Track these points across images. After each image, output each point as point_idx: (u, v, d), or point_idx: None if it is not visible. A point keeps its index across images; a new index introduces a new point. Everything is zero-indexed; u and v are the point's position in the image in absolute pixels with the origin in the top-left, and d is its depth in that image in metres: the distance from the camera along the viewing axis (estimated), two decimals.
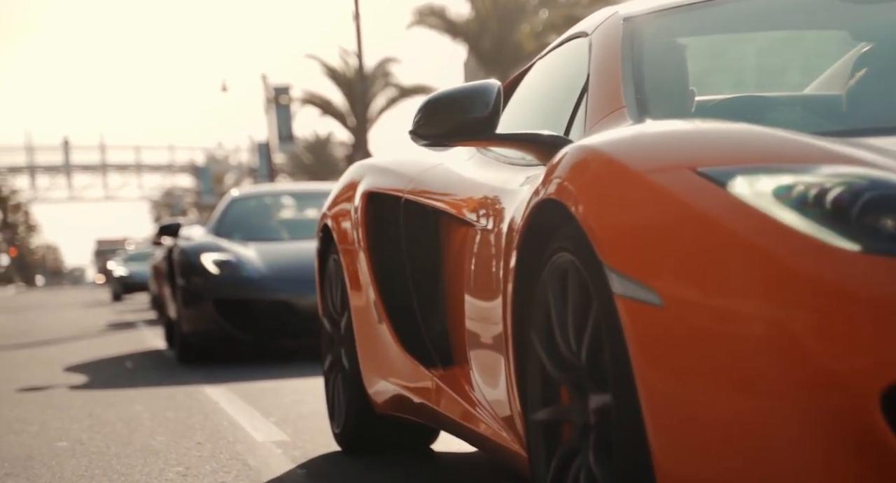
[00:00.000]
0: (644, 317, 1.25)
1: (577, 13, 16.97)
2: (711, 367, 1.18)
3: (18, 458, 2.93)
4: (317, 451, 2.84)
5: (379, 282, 2.41)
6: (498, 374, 1.79)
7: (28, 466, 2.80)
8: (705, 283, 1.20)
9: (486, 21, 24.23)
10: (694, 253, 1.22)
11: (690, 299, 1.21)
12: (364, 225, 2.48)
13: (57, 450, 3.05)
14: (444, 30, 24.55)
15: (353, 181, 2.66)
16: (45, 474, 2.67)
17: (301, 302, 5.49)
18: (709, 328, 1.19)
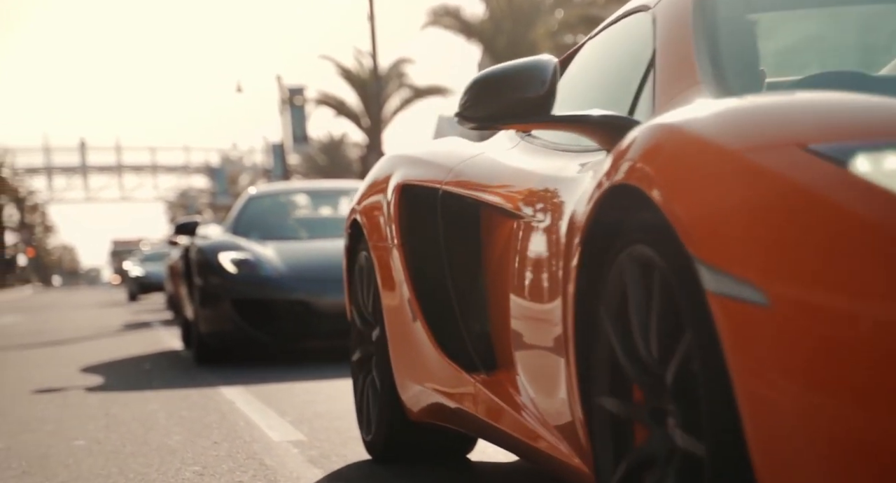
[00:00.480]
0: (745, 318, 1.07)
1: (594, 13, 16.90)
2: (830, 378, 1.01)
3: (35, 457, 2.93)
4: (333, 450, 2.82)
5: (414, 280, 2.24)
6: (553, 380, 1.63)
7: (45, 465, 2.79)
8: (823, 279, 1.02)
9: (501, 21, 24.19)
10: (807, 243, 1.03)
11: (803, 298, 1.03)
12: (398, 220, 2.31)
13: (73, 448, 3.04)
14: (459, 30, 24.52)
15: (385, 173, 2.47)
16: (62, 473, 2.67)
17: (320, 302, 5.39)
18: (827, 332, 1.01)
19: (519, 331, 1.82)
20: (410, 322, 2.24)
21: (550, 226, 1.71)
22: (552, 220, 1.71)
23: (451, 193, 2.16)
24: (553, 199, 1.75)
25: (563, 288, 1.55)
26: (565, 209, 1.65)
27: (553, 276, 1.64)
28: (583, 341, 1.49)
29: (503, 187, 1.99)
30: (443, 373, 2.14)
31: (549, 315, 1.65)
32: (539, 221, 1.78)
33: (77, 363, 6.13)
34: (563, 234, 1.59)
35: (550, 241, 1.69)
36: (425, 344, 2.19)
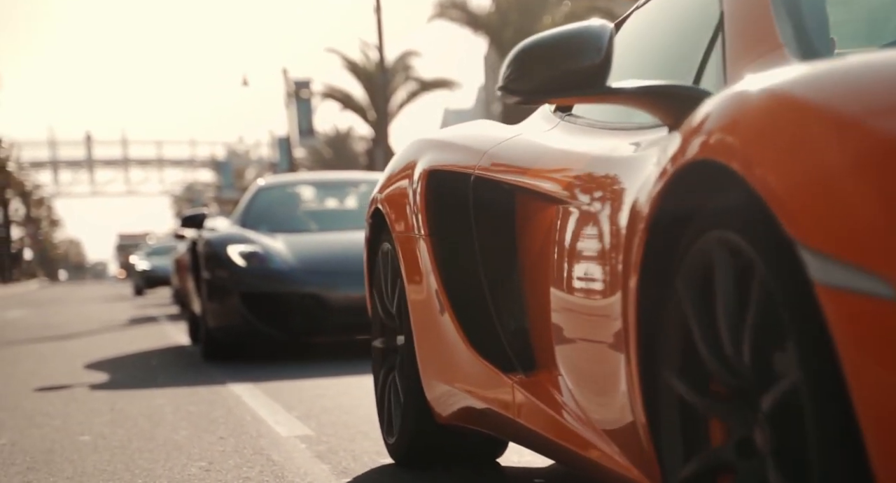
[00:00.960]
0: (866, 315, 0.91)
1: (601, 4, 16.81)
2: None
3: (40, 452, 2.90)
4: (341, 445, 2.78)
5: (443, 273, 2.06)
6: (607, 381, 1.47)
7: (50, 460, 2.76)
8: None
9: (508, 13, 24.10)
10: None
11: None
12: (425, 208, 2.14)
13: (79, 444, 3.02)
14: (466, 22, 24.45)
15: (410, 159, 2.29)
16: (67, 469, 2.64)
17: (332, 296, 5.23)
18: None
19: (562, 327, 1.67)
20: (439, 318, 2.07)
21: (603, 212, 1.53)
22: (605, 205, 1.53)
23: (484, 179, 1.99)
24: (606, 182, 1.57)
25: (623, 281, 1.38)
26: (622, 194, 1.46)
27: (608, 268, 1.47)
28: (647, 338, 1.33)
29: (544, 171, 1.80)
30: (475, 373, 1.97)
31: (601, 311, 1.49)
32: (588, 208, 1.60)
33: (83, 358, 6.11)
34: (623, 222, 1.41)
35: (603, 229, 1.51)
36: (455, 341, 2.02)
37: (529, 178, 1.85)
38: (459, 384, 2.04)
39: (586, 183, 1.65)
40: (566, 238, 1.67)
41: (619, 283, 1.40)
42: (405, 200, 2.24)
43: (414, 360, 2.21)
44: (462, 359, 2.01)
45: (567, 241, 1.66)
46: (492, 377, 1.91)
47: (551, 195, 1.75)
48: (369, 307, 2.56)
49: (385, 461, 2.54)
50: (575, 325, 1.62)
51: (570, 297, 1.63)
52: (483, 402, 1.96)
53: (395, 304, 2.36)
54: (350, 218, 6.29)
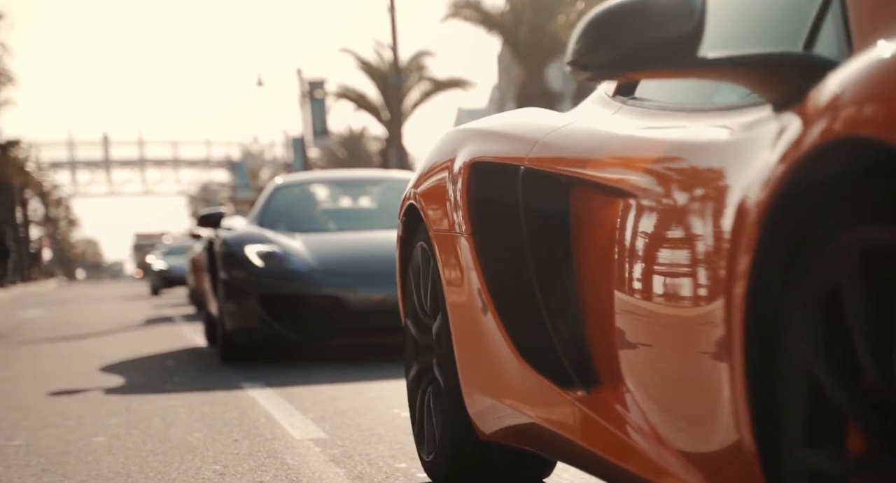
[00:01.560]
0: None
1: None
2: None
3: (55, 453, 2.90)
4: (356, 449, 2.76)
5: (488, 275, 1.85)
6: (695, 400, 1.26)
7: (64, 462, 2.76)
8: None
9: (522, 13, 24.03)
10: None
11: None
12: (468, 204, 1.92)
13: (93, 445, 3.01)
14: (480, 22, 24.41)
15: (450, 151, 2.07)
16: (82, 471, 2.63)
17: (352, 297, 5.06)
18: None
19: (631, 337, 1.46)
20: (482, 324, 1.86)
21: (692, 207, 1.30)
22: (694, 199, 1.30)
23: (535, 171, 1.76)
24: (694, 173, 1.33)
25: (726, 288, 1.15)
26: (720, 185, 1.24)
27: (702, 272, 1.24)
28: (757, 358, 1.12)
29: (609, 161, 1.57)
30: (525, 386, 1.75)
31: (692, 321, 1.26)
32: (669, 202, 1.36)
33: (99, 358, 6.12)
34: (724, 218, 1.19)
35: (693, 226, 1.28)
36: (502, 352, 1.80)
37: (591, 170, 1.60)
38: (506, 399, 1.83)
39: (666, 174, 1.40)
40: (639, 237, 1.43)
41: (721, 289, 1.18)
42: (444, 196, 2.02)
43: (453, 370, 2.00)
44: (510, 370, 1.79)
45: (640, 241, 1.42)
46: (545, 392, 1.69)
47: (619, 188, 1.51)
48: (402, 312, 2.37)
49: (401, 465, 2.52)
50: (651, 335, 1.40)
51: (645, 304, 1.40)
52: (534, 419, 1.75)
53: (431, 311, 2.17)
54: (370, 217, 6.07)
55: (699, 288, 1.25)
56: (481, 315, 1.87)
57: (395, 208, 6.42)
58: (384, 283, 4.96)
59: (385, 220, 5.79)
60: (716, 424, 1.20)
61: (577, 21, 18.65)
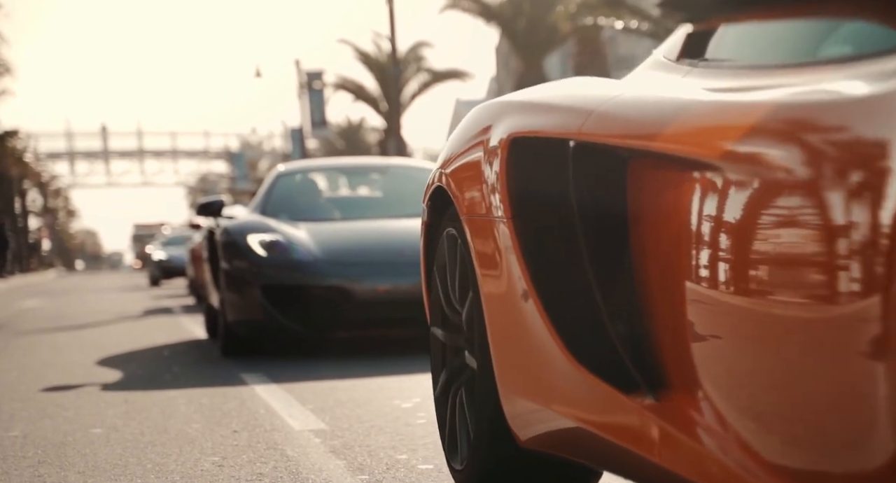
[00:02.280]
0: None
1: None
2: None
3: (52, 445, 2.87)
4: (356, 440, 2.74)
5: (531, 264, 1.63)
6: (836, 411, 1.05)
7: (62, 454, 2.74)
8: None
9: (521, 4, 23.94)
10: None
11: None
12: (507, 184, 1.68)
13: (91, 436, 2.99)
14: (478, 13, 24.32)
15: (484, 125, 1.84)
16: (79, 463, 2.61)
17: (358, 288, 4.86)
18: None
19: (715, 339, 1.24)
20: (525, 318, 1.64)
21: (821, 182, 1.04)
22: (823, 173, 1.04)
23: (589, 146, 1.52)
24: (820, 140, 1.06)
25: (884, 283, 0.95)
26: (865, 151, 0.99)
27: (844, 263, 1.02)
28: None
29: (690, 130, 1.30)
30: (575, 389, 1.54)
31: (832, 321, 1.04)
32: (783, 177, 1.10)
33: (98, 349, 6.10)
34: (873, 196, 0.96)
35: (829, 206, 1.03)
36: (548, 350, 1.58)
37: (663, 142, 1.34)
38: (552, 402, 1.61)
39: (777, 142, 1.12)
40: (732, 221, 1.18)
41: (877, 285, 0.96)
42: (479, 176, 1.78)
43: (489, 369, 1.77)
44: (557, 371, 1.57)
45: (732, 223, 1.18)
46: (601, 396, 1.47)
47: (700, 162, 1.25)
48: (427, 306, 2.15)
49: (401, 456, 2.50)
50: (751, 337, 1.16)
51: (743, 302, 1.16)
52: (585, 425, 1.52)
53: (462, 302, 1.94)
54: (375, 206, 5.90)
55: (846, 283, 1.02)
56: (523, 309, 1.64)
57: (402, 196, 5.90)
58: (390, 274, 4.88)
59: (391, 208, 5.68)
60: (862, 435, 1.01)
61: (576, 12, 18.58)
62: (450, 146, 2.00)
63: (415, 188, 5.95)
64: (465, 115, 2.01)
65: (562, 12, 19.00)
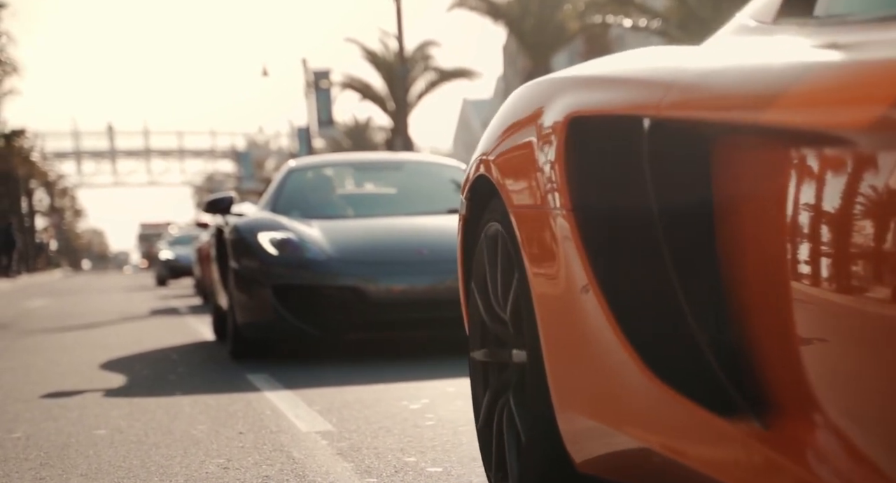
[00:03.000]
0: None
1: None
2: None
3: (55, 446, 2.83)
4: (364, 442, 2.69)
5: (597, 262, 1.38)
6: None
7: (64, 456, 2.69)
8: None
9: (528, 2, 23.87)
10: None
11: None
12: (567, 170, 1.43)
13: (95, 438, 2.94)
14: (485, 12, 24.28)
15: (536, 106, 1.58)
16: (82, 464, 2.56)
17: (374, 288, 4.62)
18: None
19: (833, 345, 1.02)
20: (588, 327, 1.40)
21: None
22: None
23: (670, 124, 1.28)
24: None
25: None
26: None
27: None
28: None
29: (820, 96, 1.04)
30: (655, 408, 1.28)
31: None
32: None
33: (103, 349, 6.07)
34: None
35: None
36: (619, 360, 1.33)
37: (784, 112, 1.07)
38: (623, 423, 1.36)
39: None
40: (861, 203, 0.97)
41: None
42: (531, 162, 1.54)
43: (542, 381, 1.53)
44: (630, 386, 1.32)
45: (862, 208, 0.96)
46: (690, 419, 1.21)
47: (833, 136, 1.01)
48: (465, 310, 1.92)
49: (409, 459, 2.44)
50: (884, 344, 0.94)
51: (871, 302, 0.95)
52: (667, 453, 1.27)
53: (509, 306, 1.70)
54: (391, 203, 5.64)
55: None
56: (586, 313, 1.39)
57: (417, 193, 5.75)
58: (406, 273, 4.69)
59: (406, 205, 5.52)
60: None
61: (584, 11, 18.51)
62: (493, 130, 1.75)
63: (431, 184, 5.80)
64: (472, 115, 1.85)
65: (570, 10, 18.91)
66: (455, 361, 4.41)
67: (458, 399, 3.37)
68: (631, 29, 16.80)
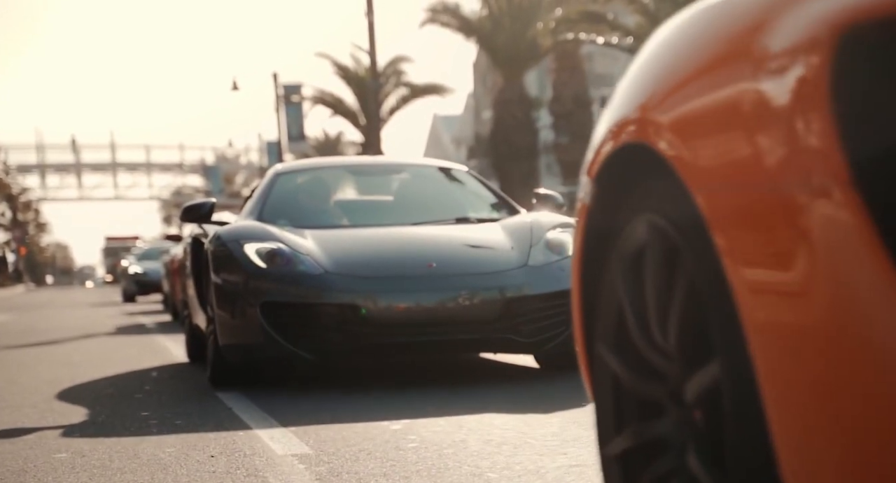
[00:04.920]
0: None
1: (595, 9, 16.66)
2: None
3: (11, 472, 2.64)
4: (343, 466, 2.54)
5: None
6: None
7: (21, 482, 2.51)
8: None
9: (500, 18, 23.95)
10: None
11: None
12: (840, 122, 0.83)
13: (54, 462, 2.76)
14: (457, 28, 24.31)
15: (759, 18, 0.94)
16: None
17: (376, 307, 4.00)
18: None
19: None
20: (879, 366, 0.82)
21: None
22: None
23: None
24: None
25: None
26: None
27: None
28: None
29: None
30: None
31: None
32: None
33: (66, 365, 5.84)
34: None
35: None
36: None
37: None
38: None
39: None
40: None
41: None
42: (753, 116, 0.92)
43: (763, 442, 0.96)
44: None
45: None
46: None
47: None
48: (581, 352, 1.34)
49: None
50: None
51: None
52: None
53: (667, 329, 1.14)
54: (393, 210, 4.98)
55: None
56: (875, 347, 0.82)
57: (422, 200, 5.14)
58: (413, 290, 4.07)
59: (409, 213, 4.86)
60: None
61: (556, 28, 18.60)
62: (658, 72, 1.12)
63: (435, 190, 5.21)
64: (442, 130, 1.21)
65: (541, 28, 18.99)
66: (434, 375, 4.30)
67: (439, 418, 3.24)
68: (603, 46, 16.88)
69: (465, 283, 4.08)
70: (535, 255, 4.25)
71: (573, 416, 3.21)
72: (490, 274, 4.14)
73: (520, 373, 4.55)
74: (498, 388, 4.03)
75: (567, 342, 4.12)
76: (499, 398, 3.69)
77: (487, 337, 4.08)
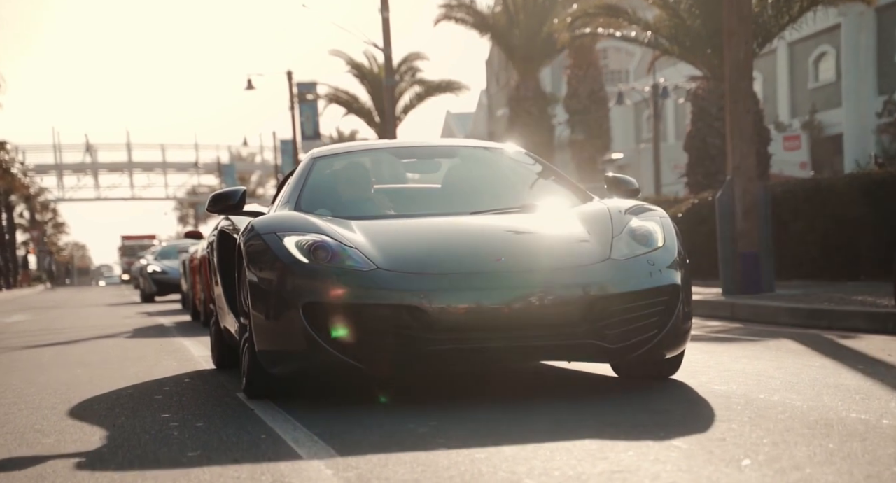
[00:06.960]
0: None
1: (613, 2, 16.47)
2: None
3: (29, 478, 2.56)
4: (373, 472, 2.43)
5: None
6: None
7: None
8: None
9: (516, 14, 23.79)
10: None
11: None
12: None
13: (73, 467, 2.67)
14: (472, 24, 24.18)
15: None
16: None
17: (437, 308, 3.38)
18: None
19: None
20: None
21: None
22: None
23: None
24: None
25: None
26: None
27: None
28: None
29: None
30: None
31: None
32: None
33: (84, 366, 5.77)
34: None
35: None
36: None
37: None
38: None
39: None
40: None
41: None
42: None
43: None
44: None
45: None
46: None
47: None
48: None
49: None
50: None
51: None
52: None
53: None
54: (446, 198, 4.34)
55: None
56: None
57: (477, 186, 4.50)
58: (475, 289, 3.44)
59: (464, 201, 4.21)
60: None
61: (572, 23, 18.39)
62: None
63: (493, 175, 4.51)
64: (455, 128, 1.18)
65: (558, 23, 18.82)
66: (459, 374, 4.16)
67: (469, 421, 3.12)
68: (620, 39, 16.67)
69: (540, 280, 3.43)
70: (618, 247, 3.61)
71: (610, 419, 3.09)
72: (569, 269, 3.48)
73: (551, 371, 4.43)
74: (528, 387, 3.91)
75: (656, 349, 3.56)
76: (530, 399, 3.57)
77: (567, 343, 3.43)
